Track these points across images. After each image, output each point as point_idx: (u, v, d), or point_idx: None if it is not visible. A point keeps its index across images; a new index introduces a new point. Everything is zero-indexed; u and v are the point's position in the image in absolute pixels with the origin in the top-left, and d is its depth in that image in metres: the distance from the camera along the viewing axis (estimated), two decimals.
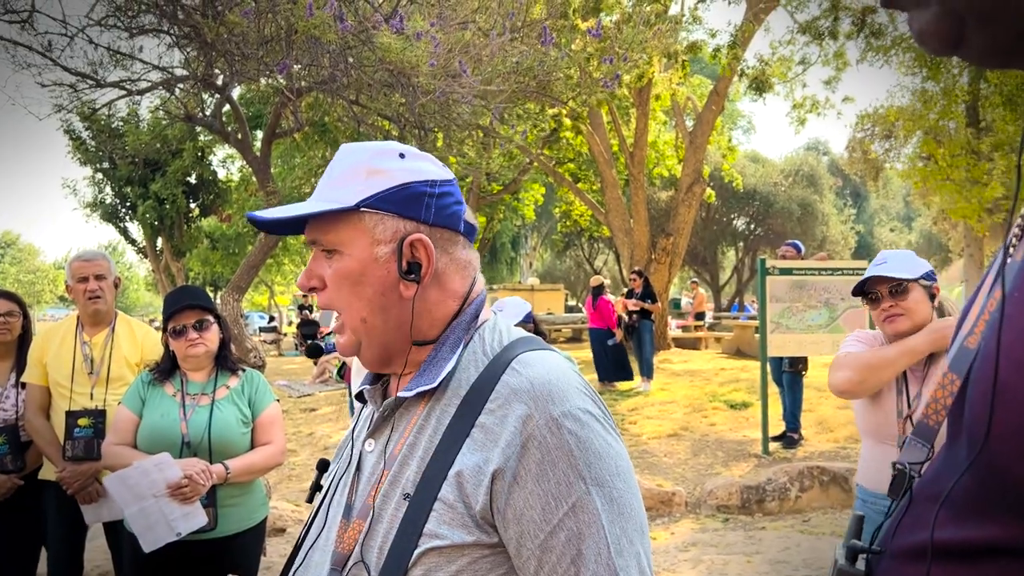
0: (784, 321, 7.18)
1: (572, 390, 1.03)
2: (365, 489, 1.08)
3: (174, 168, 18.64)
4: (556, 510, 0.96)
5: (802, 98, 15.98)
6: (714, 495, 6.05)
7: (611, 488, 0.98)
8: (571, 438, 0.98)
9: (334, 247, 1.10)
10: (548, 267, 37.25)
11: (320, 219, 1.11)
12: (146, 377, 2.89)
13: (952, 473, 0.59)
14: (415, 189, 1.11)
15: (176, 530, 2.56)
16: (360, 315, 1.10)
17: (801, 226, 26.12)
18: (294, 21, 4.42)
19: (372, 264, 1.09)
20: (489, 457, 0.98)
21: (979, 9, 0.53)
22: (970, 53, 0.56)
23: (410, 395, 1.07)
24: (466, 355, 1.10)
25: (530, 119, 10.25)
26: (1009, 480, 0.53)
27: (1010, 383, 0.52)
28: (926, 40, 0.57)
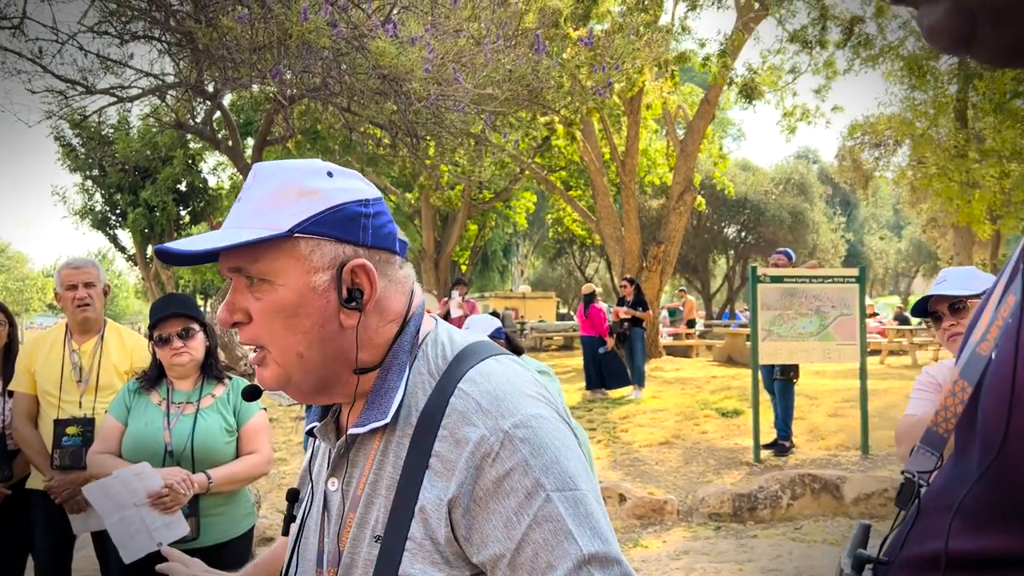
0: (775, 329, 7.20)
1: (521, 398, 0.98)
2: (335, 532, 1.04)
3: (164, 175, 18.57)
4: (518, 524, 0.91)
5: (792, 107, 16.09)
6: (706, 503, 6.04)
7: (573, 490, 0.93)
8: (525, 447, 0.93)
9: (264, 277, 1.01)
10: (540, 275, 37.27)
11: (244, 249, 1.00)
12: (132, 385, 2.87)
13: (964, 482, 0.58)
14: (350, 210, 1.03)
15: (157, 540, 2.53)
16: (296, 350, 1.01)
17: (792, 234, 26.23)
18: (288, 26, 4.42)
19: (309, 294, 1.00)
20: (447, 486, 0.94)
21: (992, 6, 0.52)
22: (981, 51, 0.55)
23: (363, 431, 1.02)
24: (412, 378, 1.04)
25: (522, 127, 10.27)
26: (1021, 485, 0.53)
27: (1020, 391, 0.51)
28: (936, 37, 0.55)
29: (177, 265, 1.09)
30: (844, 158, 18.76)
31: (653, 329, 15.08)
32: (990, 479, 0.55)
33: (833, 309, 7.22)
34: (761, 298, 7.23)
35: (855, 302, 7.22)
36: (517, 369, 1.04)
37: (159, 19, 4.95)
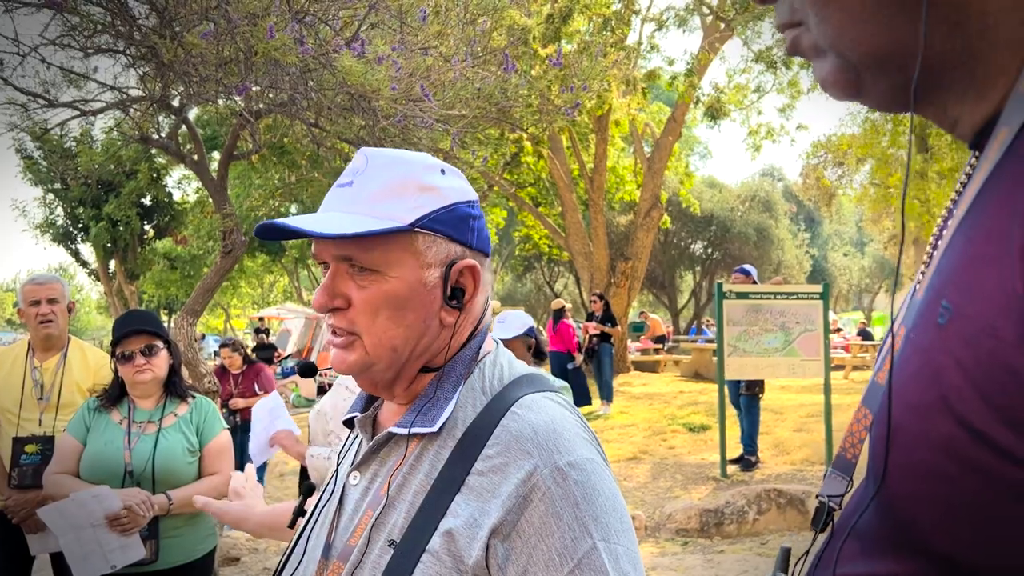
0: (741, 344, 7.28)
1: (577, 439, 0.97)
2: (347, 528, 1.02)
3: (128, 189, 18.33)
4: (562, 566, 0.89)
5: (757, 125, 16.32)
6: (673, 519, 6.07)
7: (617, 544, 0.92)
8: (577, 490, 0.92)
9: (375, 267, 1.00)
10: (509, 290, 37.28)
11: (362, 238, 0.98)
12: (92, 404, 2.82)
13: (860, 507, 0.59)
14: (462, 210, 1.05)
15: (111, 562, 2.48)
16: (393, 342, 1.01)
17: (758, 250, 26.56)
18: (254, 43, 4.41)
19: (420, 288, 1.01)
20: (486, 509, 0.92)
21: (870, 61, 0.56)
22: (870, 98, 0.59)
23: (403, 432, 1.00)
24: (464, 392, 1.03)
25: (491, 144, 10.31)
26: (902, 519, 0.54)
27: (903, 424, 0.52)
28: (829, 88, 0.60)
29: (275, 239, 1.06)
30: (808, 176, 19.07)
31: (621, 344, 15.15)
32: (877, 508, 0.56)
33: (798, 325, 7.32)
34: (727, 314, 7.32)
35: (819, 318, 7.33)
36: (569, 410, 1.03)
37: (123, 32, 4.91)
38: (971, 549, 0.48)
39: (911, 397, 0.52)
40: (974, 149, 0.58)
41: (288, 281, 32.27)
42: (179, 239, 20.54)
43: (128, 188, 18.31)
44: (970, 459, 0.46)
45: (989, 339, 0.45)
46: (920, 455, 0.50)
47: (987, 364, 0.45)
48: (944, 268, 0.53)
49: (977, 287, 0.48)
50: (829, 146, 17.27)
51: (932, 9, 0.52)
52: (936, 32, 0.53)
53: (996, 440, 0.45)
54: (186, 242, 20.00)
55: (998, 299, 0.45)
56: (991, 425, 0.45)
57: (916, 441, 0.51)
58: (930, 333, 0.51)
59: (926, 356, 0.51)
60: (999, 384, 0.45)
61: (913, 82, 0.55)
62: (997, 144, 0.52)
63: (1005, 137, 0.51)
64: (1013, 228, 0.45)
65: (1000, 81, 0.53)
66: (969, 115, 0.57)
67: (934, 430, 0.49)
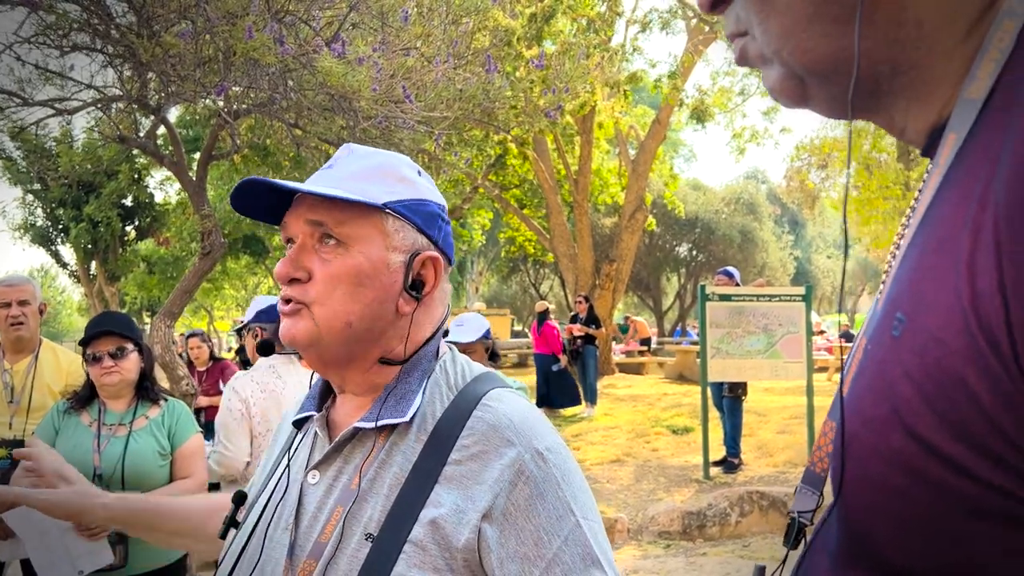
0: (724, 347, 7.28)
1: (547, 427, 1.03)
2: (313, 526, 1.00)
3: (109, 190, 18.15)
4: (550, 544, 0.94)
5: (741, 128, 16.39)
6: (656, 521, 6.06)
7: (593, 521, 0.99)
8: (557, 472, 0.98)
9: (343, 240, 1.02)
10: (494, 292, 37.28)
11: (335, 207, 1.02)
12: (62, 406, 2.78)
13: (829, 522, 0.59)
14: (432, 207, 1.10)
15: (78, 568, 2.43)
16: (348, 317, 1.02)
17: (742, 253, 26.65)
18: (232, 43, 4.35)
19: (383, 268, 1.04)
20: (471, 496, 0.94)
21: (813, 70, 0.58)
22: (817, 105, 0.61)
23: (371, 426, 1.01)
24: (430, 387, 1.06)
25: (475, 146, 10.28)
26: (859, 532, 0.53)
27: (857, 436, 0.52)
28: (777, 95, 0.62)
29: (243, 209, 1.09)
30: (791, 179, 19.17)
31: (606, 346, 15.16)
32: (838, 521, 0.56)
33: (780, 327, 7.33)
34: (710, 316, 7.32)
35: (802, 320, 7.34)
36: (530, 404, 1.07)
37: (100, 30, 4.84)
38: (924, 563, 0.48)
39: (866, 410, 0.51)
40: (926, 155, 0.58)
41: (272, 283, 32.11)
42: (161, 240, 20.38)
43: (109, 189, 18.12)
44: (921, 472, 0.46)
45: (938, 351, 0.45)
46: (874, 468, 0.50)
47: (937, 377, 0.45)
48: (899, 279, 0.53)
49: (928, 298, 0.47)
50: (812, 149, 17.36)
51: (868, 21, 0.53)
52: (874, 43, 0.54)
53: (947, 453, 0.45)
54: (168, 243, 19.85)
55: (946, 310, 0.45)
56: (942, 438, 0.45)
57: (869, 454, 0.50)
58: (885, 345, 0.51)
59: (880, 368, 0.51)
60: (949, 397, 0.44)
61: (849, 92, 0.56)
62: (946, 151, 0.52)
63: (953, 142, 0.51)
64: (961, 238, 0.45)
65: (941, 88, 0.54)
66: (914, 122, 0.58)
67: (886, 443, 0.49)
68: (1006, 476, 0.43)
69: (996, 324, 0.42)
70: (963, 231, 0.45)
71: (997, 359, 0.42)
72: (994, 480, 0.43)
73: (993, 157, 0.45)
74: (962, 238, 0.45)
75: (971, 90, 0.51)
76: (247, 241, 19.64)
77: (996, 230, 0.43)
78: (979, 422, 0.43)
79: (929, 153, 0.57)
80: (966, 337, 0.43)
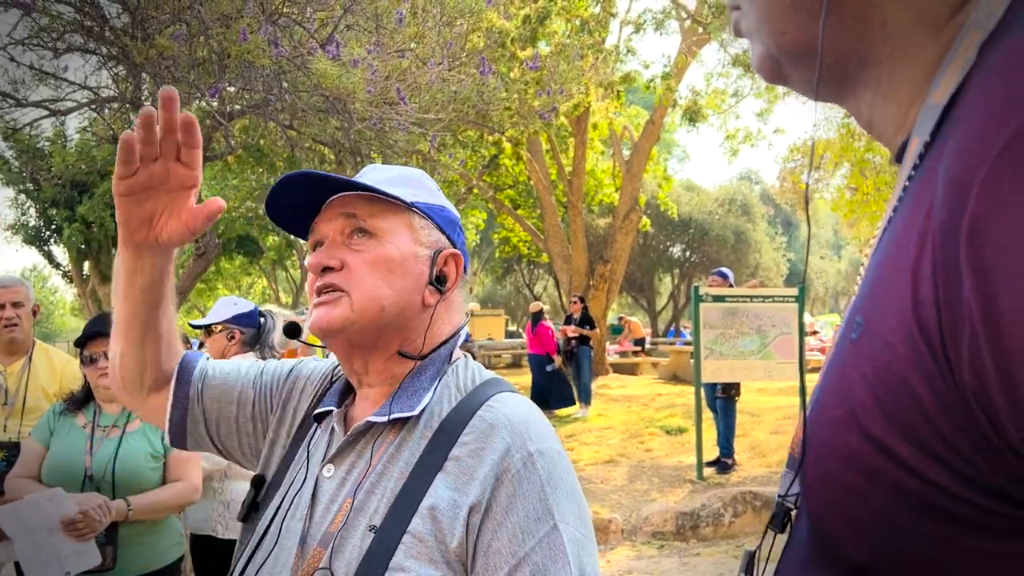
0: (717, 347, 7.30)
1: (547, 431, 1.07)
2: (324, 517, 1.05)
3: (102, 190, 18.04)
4: (524, 543, 0.96)
5: (735, 129, 16.43)
6: (650, 521, 6.08)
7: (575, 530, 0.99)
8: (543, 474, 1.00)
9: (374, 231, 1.10)
10: (489, 292, 37.27)
11: (368, 202, 1.11)
12: (58, 408, 2.79)
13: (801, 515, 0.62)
14: (450, 215, 1.20)
15: (66, 569, 2.43)
16: (381, 302, 1.08)
17: (735, 253, 26.70)
18: (226, 45, 4.35)
19: (411, 259, 1.11)
20: (465, 490, 0.99)
21: (787, 53, 0.61)
22: (795, 85, 0.65)
23: (383, 420, 1.06)
24: (440, 388, 1.10)
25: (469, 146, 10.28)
26: (820, 528, 0.55)
27: (818, 435, 0.54)
28: (757, 71, 0.66)
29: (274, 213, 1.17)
30: (784, 180, 19.22)
31: (600, 347, 15.18)
32: (804, 516, 0.59)
33: (773, 328, 7.36)
34: (704, 317, 7.34)
35: (795, 321, 7.37)
36: (537, 410, 1.12)
37: (94, 32, 4.84)
38: (879, 559, 0.50)
39: (827, 411, 0.54)
40: (898, 162, 0.59)
41: (266, 283, 32.05)
42: None
43: (102, 189, 18.02)
44: (877, 472, 0.48)
45: (888, 355, 0.47)
46: (833, 466, 0.52)
47: (887, 380, 0.47)
48: (863, 285, 0.55)
49: (882, 303, 0.49)
50: (806, 150, 17.40)
51: (837, 15, 0.56)
52: (841, 35, 0.57)
53: (897, 453, 0.47)
54: None
55: (896, 315, 0.47)
56: (892, 439, 0.47)
57: (830, 453, 0.52)
58: (845, 348, 0.53)
59: (841, 370, 0.53)
60: (897, 399, 0.47)
61: (816, 82, 0.59)
62: (910, 156, 0.54)
63: (916, 147, 0.53)
64: (910, 245, 0.47)
65: (906, 87, 0.57)
66: (880, 118, 0.60)
67: (844, 443, 0.51)
68: (946, 475, 0.45)
69: (933, 330, 0.44)
70: (912, 239, 0.47)
71: (934, 363, 0.44)
72: (939, 479, 0.46)
73: (939, 172, 0.47)
74: (911, 246, 0.47)
75: (935, 95, 0.52)
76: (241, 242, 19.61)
77: (934, 238, 0.45)
78: (922, 423, 0.46)
79: (900, 160, 0.59)
80: (910, 342, 0.45)
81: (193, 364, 1.29)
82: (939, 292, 0.44)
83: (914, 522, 0.47)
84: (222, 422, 1.28)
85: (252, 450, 1.29)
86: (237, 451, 1.30)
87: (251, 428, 1.28)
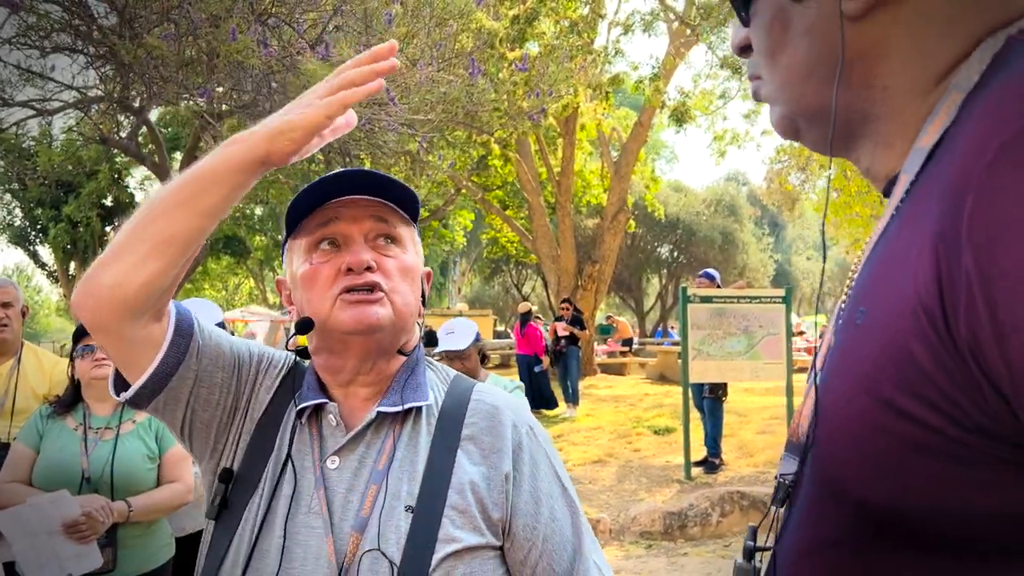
0: (705, 348, 7.34)
1: (528, 411, 1.27)
2: (347, 505, 1.08)
3: (88, 190, 17.95)
4: (546, 503, 1.14)
5: (723, 130, 16.48)
6: (638, 521, 6.10)
7: (573, 494, 1.21)
8: (544, 444, 1.21)
9: (400, 239, 1.19)
10: (477, 293, 37.25)
11: (391, 210, 1.19)
12: (45, 410, 2.76)
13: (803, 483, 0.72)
14: None
15: (67, 571, 2.42)
16: (411, 308, 1.18)
17: (722, 254, 26.80)
18: (215, 45, 4.35)
19: (419, 270, 1.22)
20: (495, 463, 1.12)
21: (803, 114, 0.75)
22: (807, 141, 0.78)
23: (397, 410, 1.14)
24: (429, 380, 1.22)
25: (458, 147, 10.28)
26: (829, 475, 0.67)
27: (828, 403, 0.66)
28: (776, 130, 0.80)
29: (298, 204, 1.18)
30: (772, 181, 19.30)
31: (588, 347, 15.21)
32: (812, 473, 0.70)
33: (761, 328, 7.40)
34: (691, 317, 7.37)
35: (782, 322, 7.41)
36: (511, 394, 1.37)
37: (82, 31, 4.82)
38: (881, 493, 0.61)
39: (836, 381, 0.66)
40: (886, 196, 0.72)
41: (253, 284, 31.91)
42: None
43: (88, 189, 17.93)
44: (882, 425, 0.60)
45: (892, 330, 0.59)
46: (844, 426, 0.64)
47: (891, 350, 0.59)
48: (861, 283, 0.69)
49: (884, 294, 0.62)
50: (792, 151, 17.50)
51: (846, 83, 0.69)
52: (850, 98, 0.70)
53: (901, 407, 0.58)
54: None
55: (898, 301, 0.59)
56: (897, 397, 0.58)
57: (841, 417, 0.64)
58: (850, 332, 0.66)
59: (849, 347, 0.66)
60: (899, 363, 0.58)
61: (829, 135, 0.72)
62: (899, 188, 0.67)
63: (905, 181, 0.66)
64: (910, 251, 0.59)
65: (900, 139, 0.69)
66: (877, 163, 0.73)
67: (855, 406, 0.62)
68: (941, 420, 0.56)
69: (933, 303, 0.55)
70: (912, 246, 0.59)
71: (934, 332, 0.55)
72: (936, 424, 0.57)
73: (933, 192, 0.59)
74: (911, 251, 0.59)
75: (921, 141, 0.66)
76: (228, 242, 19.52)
77: (939, 229, 0.56)
78: (922, 381, 0.57)
79: (887, 194, 0.72)
80: (912, 317, 0.57)
81: (190, 317, 1.18)
82: (940, 269, 0.55)
83: (912, 461, 0.58)
84: (210, 387, 1.18)
85: (215, 424, 1.20)
86: (200, 424, 1.19)
87: (230, 402, 1.20)
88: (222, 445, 1.20)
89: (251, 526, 1.10)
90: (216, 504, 1.14)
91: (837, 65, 0.69)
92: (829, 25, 0.69)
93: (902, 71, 0.68)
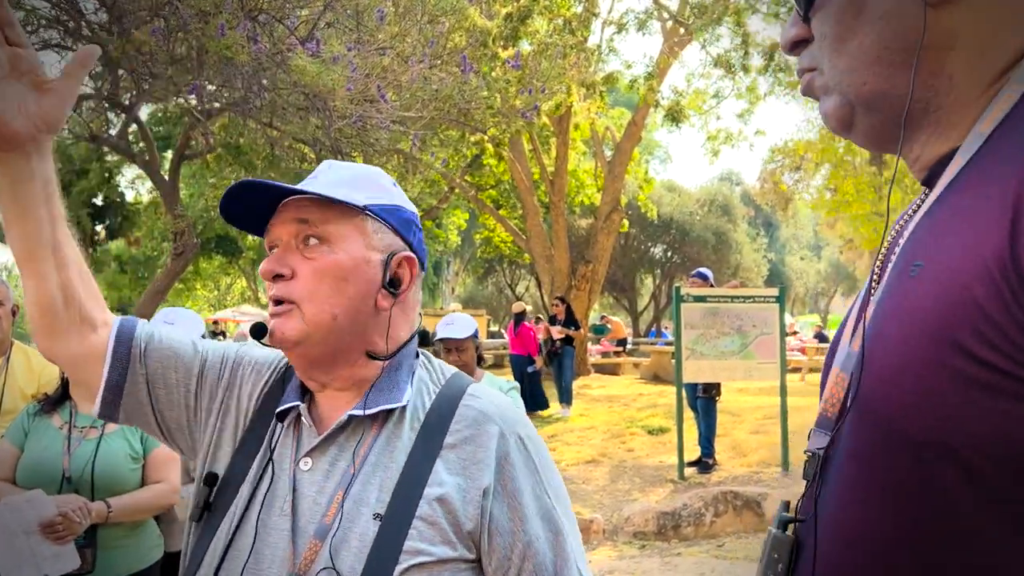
0: (698, 347, 7.32)
1: (525, 417, 1.17)
2: (313, 509, 1.05)
3: (79, 189, 17.85)
4: (529, 520, 1.06)
5: (716, 130, 16.48)
6: (631, 521, 6.08)
7: (565, 507, 1.12)
8: (536, 458, 1.11)
9: (326, 238, 1.10)
10: (470, 292, 37.24)
11: (320, 208, 1.10)
12: (32, 408, 2.72)
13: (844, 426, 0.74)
14: (406, 214, 1.18)
15: (43, 572, 2.38)
16: (333, 311, 1.08)
17: (716, 254, 26.81)
18: (205, 41, 4.30)
19: (363, 266, 1.10)
20: (474, 475, 1.05)
21: (864, 100, 0.77)
22: (857, 134, 0.80)
23: (368, 413, 1.08)
24: (416, 382, 1.14)
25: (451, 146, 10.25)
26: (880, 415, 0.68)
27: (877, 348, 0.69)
28: (829, 120, 0.80)
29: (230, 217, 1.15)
30: (765, 181, 19.33)
31: (582, 347, 15.19)
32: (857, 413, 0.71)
33: (754, 328, 7.39)
34: (685, 317, 7.35)
35: (775, 321, 7.40)
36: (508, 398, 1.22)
37: (71, 28, 4.77)
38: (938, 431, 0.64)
39: (887, 327, 0.69)
40: (925, 184, 0.76)
41: (245, 284, 31.82)
42: (132, 241, 20.09)
43: (78, 188, 17.82)
44: (943, 363, 0.62)
45: (953, 276, 0.63)
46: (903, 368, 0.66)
47: (951, 293, 0.63)
48: (911, 245, 0.72)
49: (945, 249, 0.65)
50: (786, 151, 17.53)
51: (917, 69, 0.72)
52: (917, 85, 0.73)
53: (965, 347, 0.61)
54: (140, 243, 19.56)
55: (961, 250, 0.63)
56: (961, 336, 0.62)
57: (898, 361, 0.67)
58: (904, 285, 0.69)
59: (900, 298, 0.69)
60: (959, 305, 0.62)
61: (902, 117, 0.74)
62: (954, 165, 0.71)
63: (961, 158, 0.70)
64: (980, 209, 0.64)
65: (957, 129, 0.73)
66: (929, 152, 0.75)
67: (914, 348, 0.65)
68: (1000, 359, 0.60)
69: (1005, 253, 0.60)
70: (979, 206, 0.64)
71: (1002, 276, 0.60)
72: (997, 363, 0.60)
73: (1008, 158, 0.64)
74: (978, 209, 0.64)
75: (981, 126, 0.70)
76: (220, 241, 19.43)
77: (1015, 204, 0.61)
78: (984, 323, 0.61)
79: (928, 183, 0.75)
80: (978, 264, 0.61)
81: (134, 325, 1.20)
82: (1016, 225, 0.60)
83: (972, 398, 0.62)
84: (167, 388, 1.19)
85: (187, 425, 1.21)
86: (174, 425, 1.21)
87: (192, 402, 1.20)
88: (201, 445, 1.21)
89: (228, 525, 1.10)
90: (199, 506, 1.14)
91: (908, 51, 0.72)
92: (906, 11, 0.72)
93: (968, 63, 0.72)
